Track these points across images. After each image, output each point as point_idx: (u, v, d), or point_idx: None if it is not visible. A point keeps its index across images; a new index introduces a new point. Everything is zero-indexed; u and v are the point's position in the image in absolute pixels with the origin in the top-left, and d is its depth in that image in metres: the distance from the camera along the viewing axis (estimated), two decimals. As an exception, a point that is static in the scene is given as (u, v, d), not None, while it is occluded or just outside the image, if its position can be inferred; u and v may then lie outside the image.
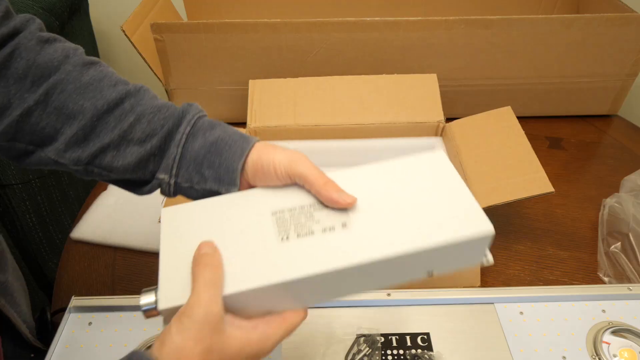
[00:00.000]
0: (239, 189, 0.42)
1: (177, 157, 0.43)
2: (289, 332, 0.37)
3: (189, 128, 0.43)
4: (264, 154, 0.42)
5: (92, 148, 0.43)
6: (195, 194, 0.43)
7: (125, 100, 0.43)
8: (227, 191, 0.42)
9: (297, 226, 0.38)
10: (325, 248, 0.36)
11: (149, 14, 0.88)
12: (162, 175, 0.43)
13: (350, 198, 0.39)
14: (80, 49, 0.46)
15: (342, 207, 0.38)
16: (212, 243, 0.37)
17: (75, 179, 1.05)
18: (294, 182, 0.41)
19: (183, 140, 0.43)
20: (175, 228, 0.39)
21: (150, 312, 0.35)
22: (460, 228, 0.36)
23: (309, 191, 0.40)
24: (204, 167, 0.42)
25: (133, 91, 0.44)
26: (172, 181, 0.43)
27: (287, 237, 0.37)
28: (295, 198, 0.40)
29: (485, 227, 0.36)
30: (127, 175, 0.44)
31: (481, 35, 0.83)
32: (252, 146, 0.42)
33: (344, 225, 0.37)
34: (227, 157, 0.42)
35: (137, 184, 0.45)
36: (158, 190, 0.45)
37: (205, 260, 0.35)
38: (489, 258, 0.39)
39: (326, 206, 0.39)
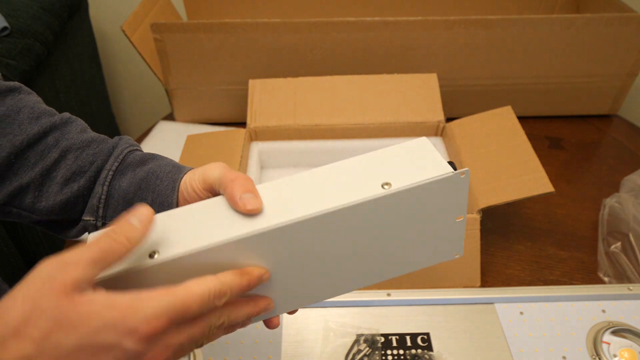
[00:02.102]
0: None
1: (103, 197, 0.38)
2: (180, 304, 0.27)
3: (116, 164, 0.39)
4: (188, 181, 0.38)
5: (9, 188, 0.38)
6: None
7: (49, 134, 0.38)
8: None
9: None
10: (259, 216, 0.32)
11: (149, 14, 0.88)
12: (87, 217, 0.39)
13: (255, 204, 0.32)
14: None
15: (243, 212, 0.32)
16: (150, 210, 0.30)
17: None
18: (214, 194, 0.36)
19: (109, 177, 0.39)
20: None
21: None
22: (419, 174, 0.32)
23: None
24: (134, 202, 0.38)
25: (59, 123, 0.39)
26: (100, 223, 0.39)
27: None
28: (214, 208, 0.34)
29: (442, 170, 0.32)
30: (52, 217, 0.39)
31: (481, 35, 0.83)
32: (183, 175, 0.38)
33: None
34: (159, 192, 0.38)
35: (63, 226, 0.41)
36: None
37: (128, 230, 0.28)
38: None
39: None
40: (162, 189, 0.38)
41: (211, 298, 0.29)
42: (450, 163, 0.34)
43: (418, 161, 0.34)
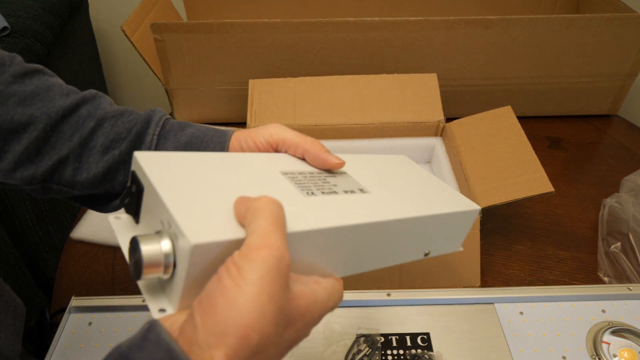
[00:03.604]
0: None
1: None
2: (338, 299, 0.30)
3: (158, 129, 0.39)
4: (242, 138, 0.39)
5: (47, 162, 0.37)
6: None
7: (81, 106, 0.38)
8: None
9: (317, 186, 0.34)
10: (360, 204, 0.34)
11: (149, 14, 0.88)
12: None
13: (339, 159, 0.37)
14: (18, 57, 0.40)
15: (331, 168, 0.37)
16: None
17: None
18: (275, 149, 0.38)
19: (155, 142, 0.38)
20: (173, 174, 0.29)
21: (154, 263, 0.25)
22: (456, 203, 0.42)
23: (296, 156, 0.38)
24: None
25: (89, 97, 0.39)
26: None
27: (313, 193, 0.33)
28: (297, 163, 0.38)
29: (474, 205, 0.43)
30: (93, 190, 0.39)
31: (481, 35, 0.83)
32: (230, 138, 0.39)
33: (361, 190, 0.37)
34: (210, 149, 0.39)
35: (104, 199, 0.40)
36: None
37: (270, 205, 0.26)
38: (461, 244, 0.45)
39: (334, 175, 0.38)
40: (209, 151, 0.38)
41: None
42: None
43: (443, 190, 0.44)
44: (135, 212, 0.30)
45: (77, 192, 0.39)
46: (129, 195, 0.31)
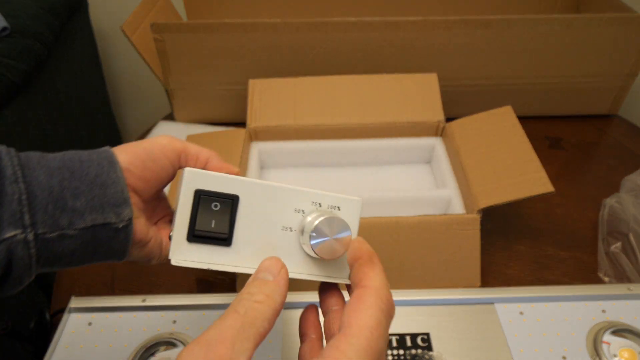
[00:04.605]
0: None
1: (25, 198, 0.28)
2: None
3: (15, 159, 0.29)
4: (137, 144, 0.35)
5: None
6: (71, 244, 0.30)
7: None
8: (119, 215, 0.32)
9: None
10: None
11: (149, 14, 0.88)
12: (11, 232, 0.28)
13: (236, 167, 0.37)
14: None
15: (234, 174, 0.35)
16: (277, 259, 0.32)
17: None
18: (174, 160, 0.36)
19: (19, 172, 0.29)
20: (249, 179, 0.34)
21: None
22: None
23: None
24: (67, 199, 0.30)
25: None
26: (31, 235, 0.28)
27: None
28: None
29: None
30: None
31: (481, 35, 0.83)
32: (111, 149, 0.34)
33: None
34: (94, 172, 0.31)
35: None
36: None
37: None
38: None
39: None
40: (94, 169, 0.31)
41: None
42: None
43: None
44: (229, 229, 0.33)
45: None
46: (211, 216, 0.32)
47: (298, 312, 0.38)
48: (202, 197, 0.32)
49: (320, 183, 0.77)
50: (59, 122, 0.99)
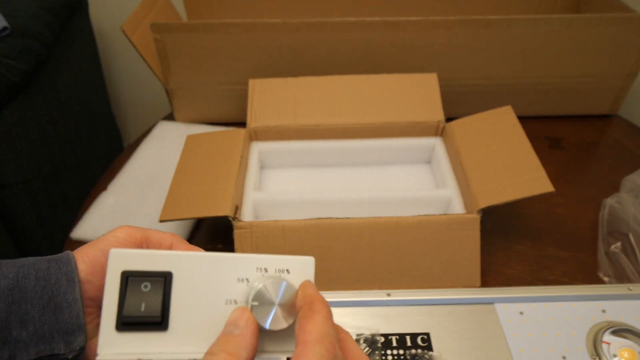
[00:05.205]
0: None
1: None
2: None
3: None
4: (95, 247, 0.33)
5: None
6: None
7: None
8: (69, 344, 0.28)
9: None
10: None
11: (149, 14, 0.88)
12: None
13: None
14: None
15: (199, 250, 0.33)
16: (243, 308, 0.29)
17: (75, 178, 1.05)
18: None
19: None
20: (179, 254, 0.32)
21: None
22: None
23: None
24: (12, 327, 0.27)
25: None
26: None
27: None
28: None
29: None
30: None
31: (481, 35, 0.83)
32: (73, 257, 0.32)
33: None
34: (48, 293, 0.28)
35: None
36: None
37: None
38: None
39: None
40: (55, 292, 0.28)
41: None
42: None
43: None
44: (162, 311, 0.29)
45: None
46: (142, 298, 0.28)
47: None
48: (129, 279, 0.29)
49: (320, 183, 0.77)
50: (59, 122, 0.99)
